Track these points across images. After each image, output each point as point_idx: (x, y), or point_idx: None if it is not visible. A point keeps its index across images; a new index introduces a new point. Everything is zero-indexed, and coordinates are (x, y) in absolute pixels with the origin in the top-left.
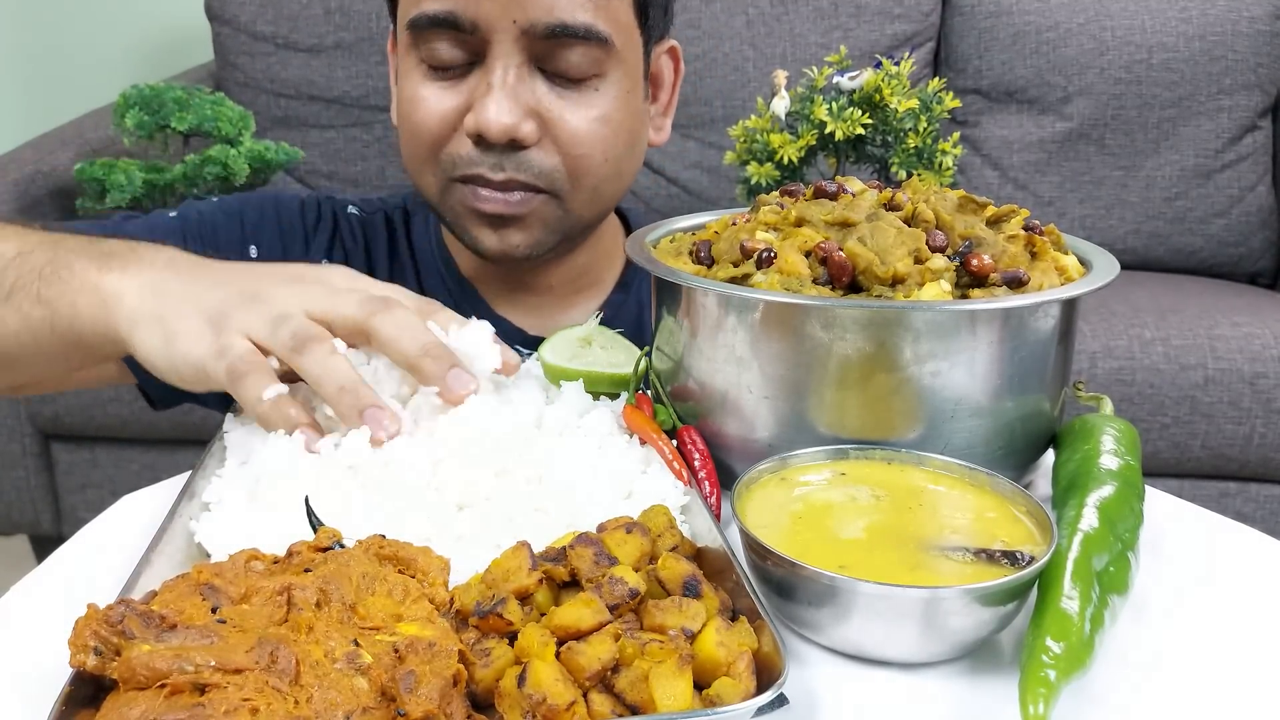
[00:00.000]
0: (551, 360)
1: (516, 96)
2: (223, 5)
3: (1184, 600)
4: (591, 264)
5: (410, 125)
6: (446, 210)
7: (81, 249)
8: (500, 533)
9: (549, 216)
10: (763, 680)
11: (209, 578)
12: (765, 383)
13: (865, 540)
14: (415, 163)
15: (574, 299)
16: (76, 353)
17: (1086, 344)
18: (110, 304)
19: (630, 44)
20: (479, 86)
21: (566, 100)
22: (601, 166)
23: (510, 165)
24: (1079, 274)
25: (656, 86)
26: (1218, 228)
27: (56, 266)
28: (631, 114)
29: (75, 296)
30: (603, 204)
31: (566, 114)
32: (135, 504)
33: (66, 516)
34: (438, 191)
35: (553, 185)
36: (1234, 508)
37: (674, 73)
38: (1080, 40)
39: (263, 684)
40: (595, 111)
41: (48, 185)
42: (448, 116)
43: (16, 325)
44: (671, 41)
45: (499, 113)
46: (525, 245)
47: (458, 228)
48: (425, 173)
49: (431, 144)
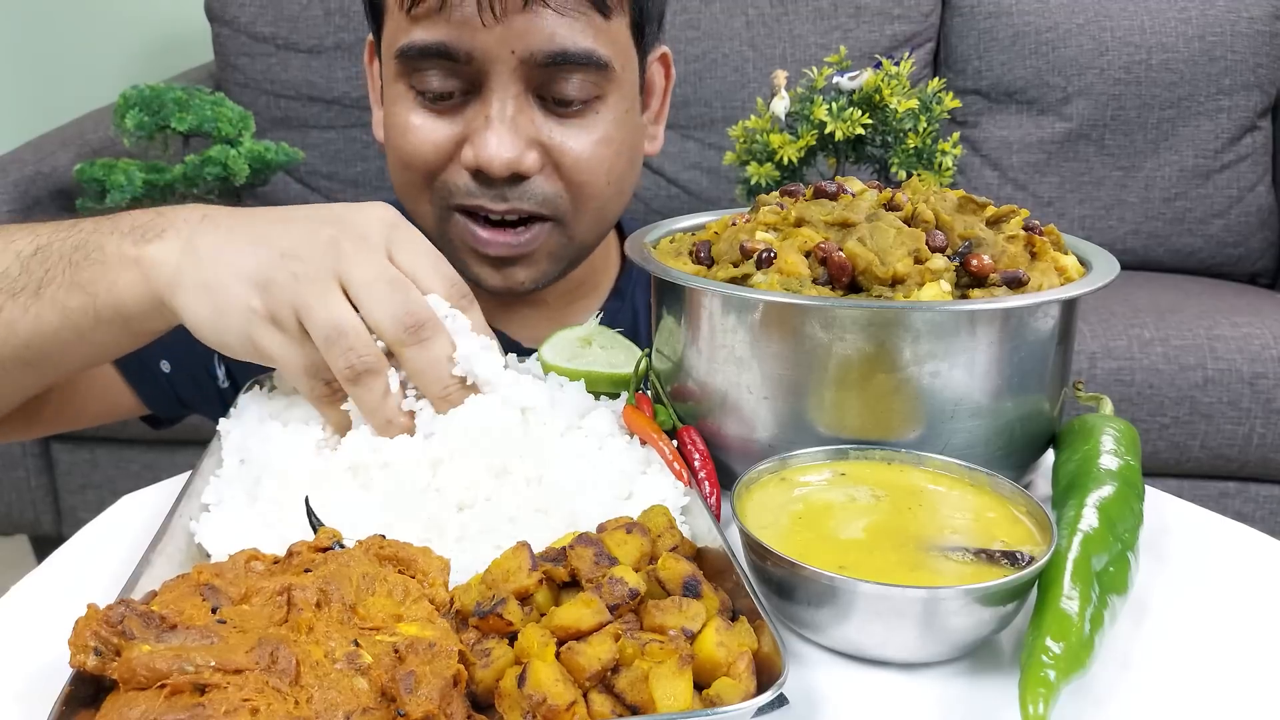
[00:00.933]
0: (551, 360)
1: (517, 128)
2: (223, 6)
3: (1184, 600)
4: (587, 275)
5: (402, 155)
6: (445, 243)
7: (107, 228)
8: (500, 533)
9: (553, 246)
10: (763, 680)
11: (209, 578)
12: (765, 383)
13: (865, 540)
14: (409, 190)
15: (569, 309)
16: (125, 334)
17: (1086, 344)
18: (151, 275)
19: (628, 64)
20: (476, 118)
21: (567, 127)
22: (605, 189)
23: (513, 195)
24: (1079, 274)
25: (648, 95)
26: (1217, 228)
27: (86, 250)
28: (631, 131)
29: (115, 275)
30: (605, 224)
31: (569, 141)
32: (135, 504)
33: (66, 516)
34: (435, 222)
35: (556, 211)
36: (1234, 508)
37: (665, 78)
38: (1080, 41)
39: (263, 684)
40: (596, 135)
41: (48, 185)
42: (443, 146)
43: (56, 320)
44: (663, 48)
45: (500, 147)
46: (530, 280)
47: (457, 263)
48: (420, 201)
49: (426, 173)
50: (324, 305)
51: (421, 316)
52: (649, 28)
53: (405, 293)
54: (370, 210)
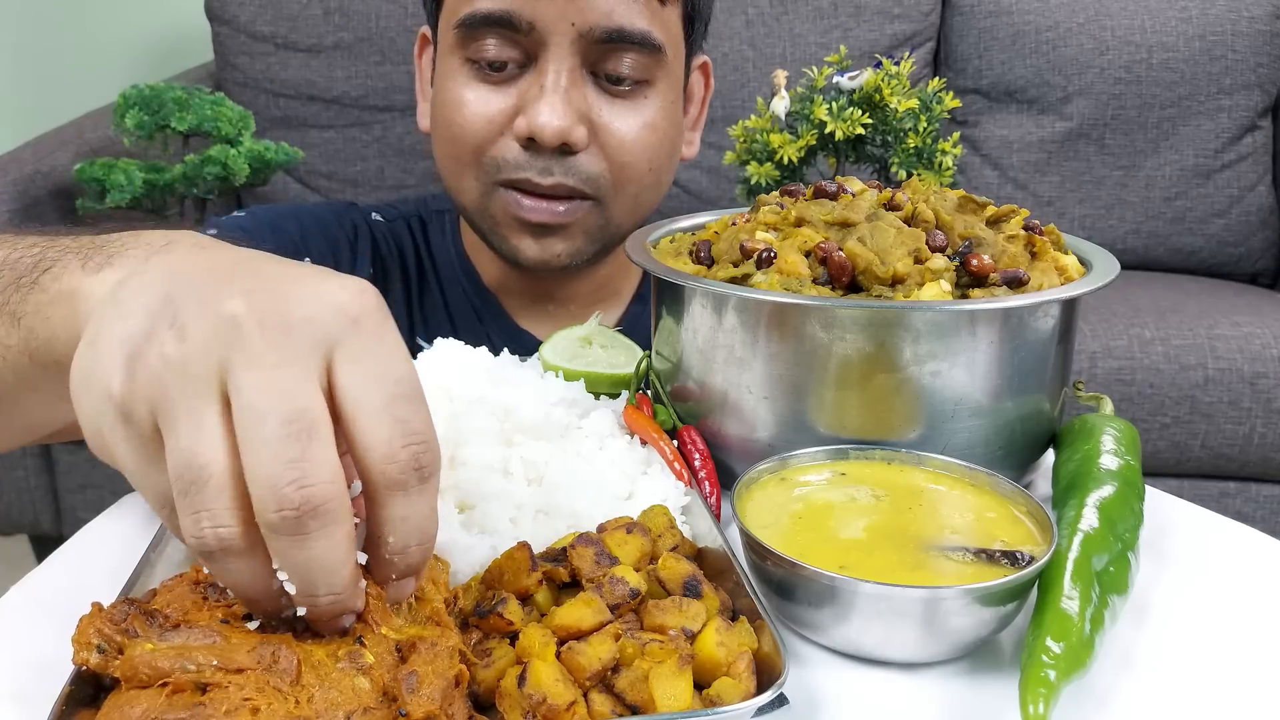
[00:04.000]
0: (552, 360)
1: (569, 100)
2: (223, 5)
3: (1184, 600)
4: (613, 275)
5: (453, 128)
6: (486, 217)
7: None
8: (501, 534)
9: (591, 225)
10: (763, 680)
11: (209, 577)
12: (765, 383)
13: (865, 540)
14: (455, 166)
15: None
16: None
17: (1086, 344)
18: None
19: (677, 54)
20: (530, 89)
21: (616, 107)
22: (645, 175)
23: (559, 170)
24: (1079, 274)
25: (688, 101)
26: (1217, 228)
27: (39, 272)
28: (674, 124)
29: (50, 308)
30: (641, 213)
31: (615, 121)
32: (135, 504)
33: (66, 516)
34: (478, 197)
35: (598, 190)
36: (1234, 508)
37: (704, 88)
38: (1080, 40)
39: (264, 683)
40: (643, 119)
41: (48, 185)
42: (495, 119)
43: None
44: (704, 57)
45: (552, 115)
46: (566, 254)
47: (496, 235)
48: (466, 176)
49: (475, 147)
50: (188, 425)
51: (313, 495)
52: (698, 24)
53: (305, 445)
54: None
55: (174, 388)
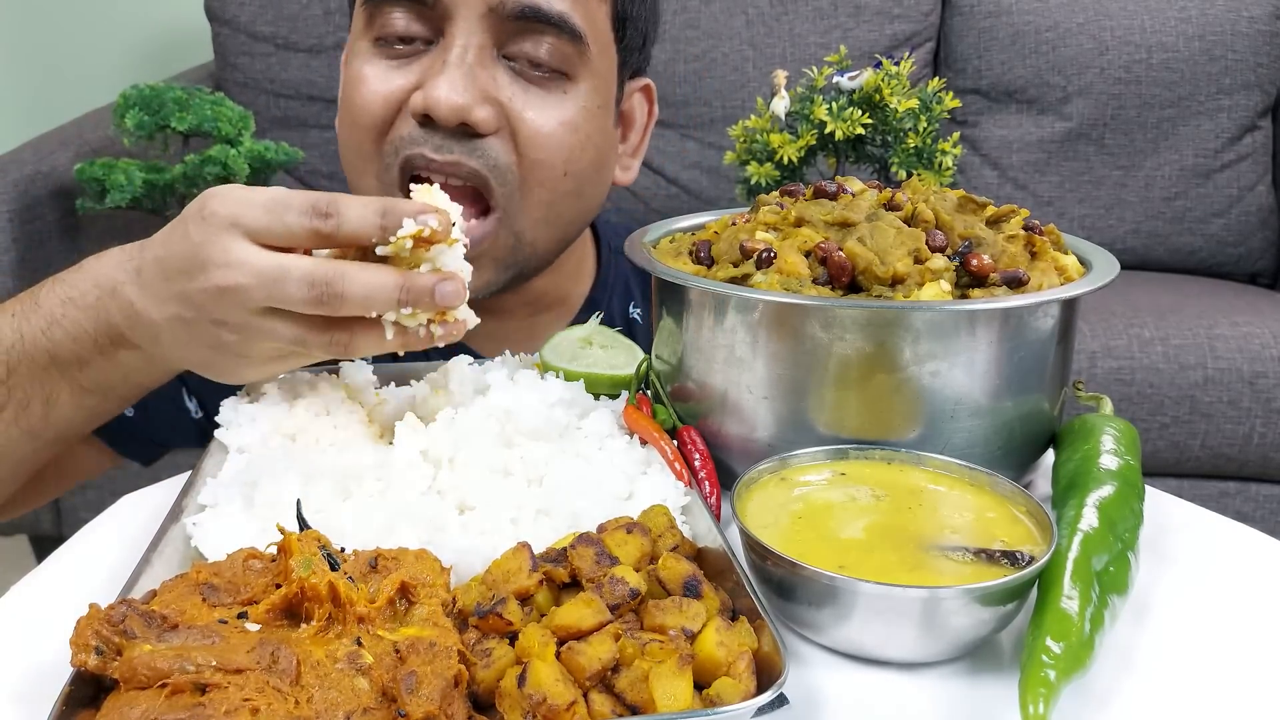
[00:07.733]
0: (552, 361)
1: (473, 77)
2: (223, 5)
3: (1184, 600)
4: (552, 286)
5: (352, 110)
6: None
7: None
8: (501, 534)
9: (500, 251)
10: (763, 680)
11: (208, 577)
12: (765, 383)
13: (865, 540)
14: (354, 157)
15: (534, 320)
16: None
17: (1086, 344)
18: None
19: (604, 55)
20: (433, 65)
21: (531, 95)
22: (560, 180)
23: (460, 149)
24: (1079, 274)
25: (628, 126)
26: (1217, 227)
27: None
28: (600, 132)
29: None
30: (560, 228)
31: (530, 110)
32: (135, 504)
33: (66, 516)
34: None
35: (503, 182)
36: (1234, 508)
37: (647, 114)
38: (1080, 40)
39: (263, 684)
40: (562, 114)
41: (48, 185)
42: (394, 96)
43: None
44: (646, 80)
45: (451, 91)
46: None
47: None
48: (365, 171)
49: (373, 128)
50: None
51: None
52: (631, 31)
53: (284, 194)
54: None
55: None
